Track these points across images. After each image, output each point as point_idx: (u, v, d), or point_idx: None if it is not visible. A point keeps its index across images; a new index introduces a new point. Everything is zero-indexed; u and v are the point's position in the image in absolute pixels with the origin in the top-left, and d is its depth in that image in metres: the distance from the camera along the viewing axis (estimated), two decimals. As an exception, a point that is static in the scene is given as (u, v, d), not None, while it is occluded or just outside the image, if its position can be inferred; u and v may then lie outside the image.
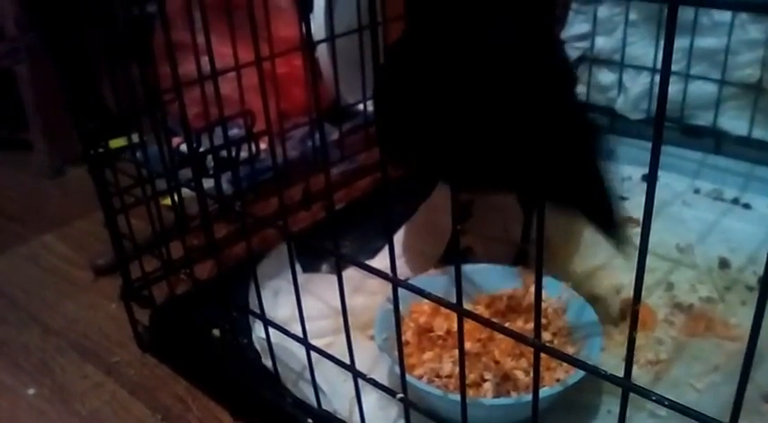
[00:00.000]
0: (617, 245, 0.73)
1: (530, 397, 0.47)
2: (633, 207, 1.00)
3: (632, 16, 1.08)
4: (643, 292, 0.87)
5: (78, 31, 0.86)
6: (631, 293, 0.79)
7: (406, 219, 0.99)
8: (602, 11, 1.11)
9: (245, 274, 0.81)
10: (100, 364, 0.81)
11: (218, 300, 0.80)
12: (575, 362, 0.44)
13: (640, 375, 0.72)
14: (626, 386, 0.39)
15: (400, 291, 0.72)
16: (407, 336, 0.70)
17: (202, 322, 0.80)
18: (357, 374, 0.57)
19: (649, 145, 0.33)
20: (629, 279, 0.86)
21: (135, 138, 0.78)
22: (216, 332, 0.81)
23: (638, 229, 0.97)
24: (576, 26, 1.14)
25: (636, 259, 0.74)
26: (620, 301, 0.82)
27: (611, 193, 0.77)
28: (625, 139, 1.13)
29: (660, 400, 0.38)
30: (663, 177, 1.05)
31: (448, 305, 0.46)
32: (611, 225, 0.74)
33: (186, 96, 0.71)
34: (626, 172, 1.08)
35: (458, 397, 0.52)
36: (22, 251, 1.04)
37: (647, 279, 0.89)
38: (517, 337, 0.46)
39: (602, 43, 1.13)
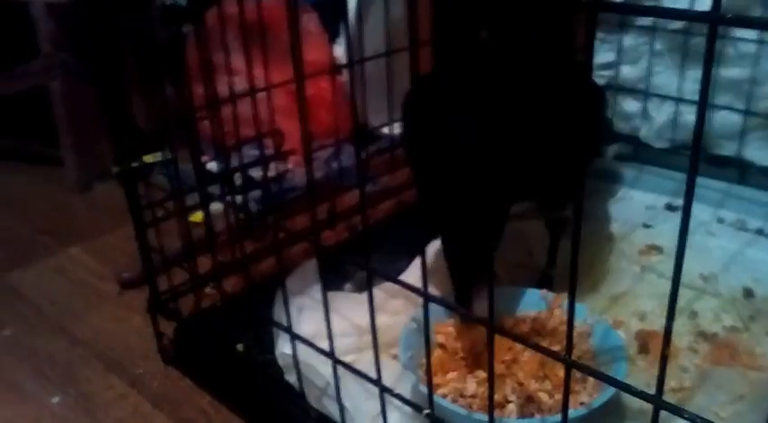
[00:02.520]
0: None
1: (556, 418, 0.47)
2: (656, 235, 1.01)
3: (657, 46, 1.09)
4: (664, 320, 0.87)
5: (116, 50, 0.89)
6: (654, 321, 0.79)
7: (431, 241, 0.99)
8: (628, 40, 1.12)
9: (270, 290, 0.82)
10: (124, 375, 0.82)
11: (244, 314, 0.81)
12: (606, 379, 0.44)
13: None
14: (657, 403, 0.39)
15: (422, 311, 0.73)
16: (434, 355, 0.70)
17: (227, 336, 0.81)
18: (384, 389, 0.57)
19: (673, 174, 0.34)
20: (651, 306, 0.86)
21: (162, 155, 0.80)
22: (240, 347, 0.81)
23: (662, 258, 0.97)
24: (601, 55, 1.15)
25: (658, 287, 0.75)
26: (642, 329, 0.81)
27: None
28: (649, 167, 1.13)
29: (693, 419, 0.38)
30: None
31: (479, 321, 0.46)
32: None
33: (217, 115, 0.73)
34: (649, 200, 1.09)
35: (483, 417, 0.52)
36: (51, 263, 1.06)
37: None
38: (549, 353, 0.46)
39: (627, 72, 1.14)
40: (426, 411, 0.54)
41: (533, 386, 0.65)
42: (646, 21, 1.09)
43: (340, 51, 1.32)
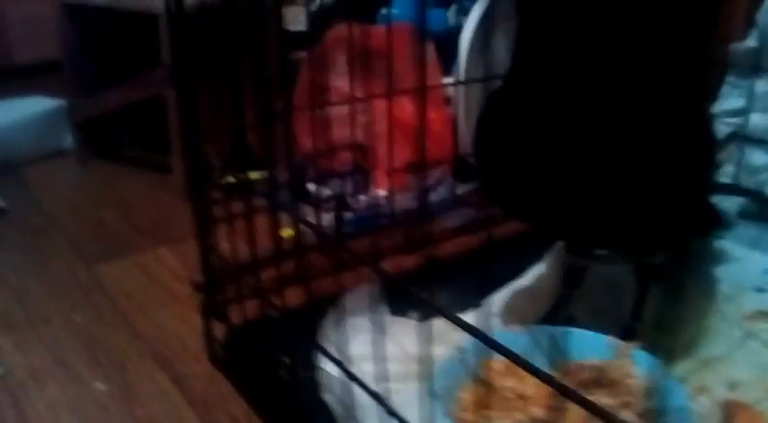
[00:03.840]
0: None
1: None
2: (769, 300, 0.89)
3: (794, 92, 0.98)
4: (764, 395, 0.76)
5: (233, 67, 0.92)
6: (747, 393, 0.69)
7: (512, 279, 0.93)
8: (760, 85, 1.01)
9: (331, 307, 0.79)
10: (171, 372, 0.81)
11: (298, 327, 0.78)
12: None
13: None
14: None
15: (473, 342, 0.67)
16: (472, 391, 0.64)
17: (276, 348, 0.78)
18: None
19: None
20: (747, 376, 0.74)
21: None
22: (286, 360, 0.79)
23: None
24: (730, 100, 1.05)
25: (760, 356, 0.65)
26: (731, 400, 0.71)
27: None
28: (773, 227, 1.01)
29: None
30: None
31: (520, 363, 0.40)
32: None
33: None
34: (769, 263, 0.96)
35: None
36: (137, 260, 1.09)
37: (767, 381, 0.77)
38: (590, 407, 0.39)
39: (758, 120, 1.03)
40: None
41: (577, 440, 0.57)
42: (782, 65, 0.99)
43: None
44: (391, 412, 0.56)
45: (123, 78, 1.43)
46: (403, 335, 0.79)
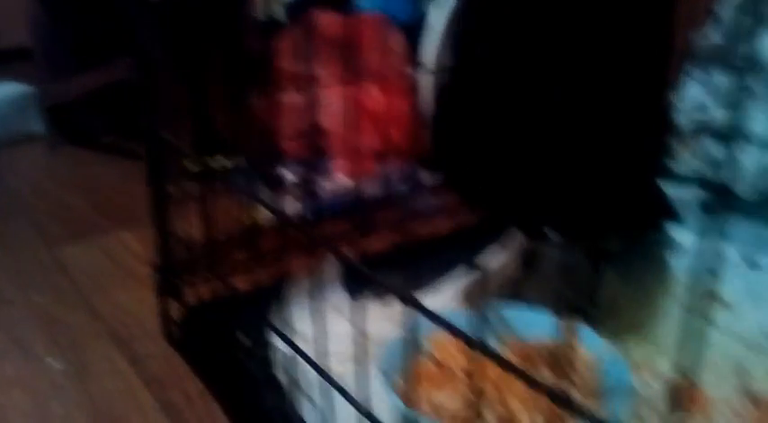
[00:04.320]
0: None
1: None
2: (727, 289, 0.90)
3: (755, 87, 0.99)
4: (712, 378, 0.77)
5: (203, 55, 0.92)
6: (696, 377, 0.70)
7: (469, 264, 0.94)
8: (722, 80, 1.02)
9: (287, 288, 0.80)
10: (128, 352, 0.81)
11: (257, 308, 0.79)
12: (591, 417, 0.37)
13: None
14: None
15: (423, 320, 0.68)
16: (420, 367, 0.65)
17: (233, 328, 0.79)
18: (356, 406, 0.53)
19: (760, 228, 0.28)
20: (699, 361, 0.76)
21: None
22: (244, 340, 0.79)
23: (725, 313, 0.86)
24: (692, 95, 1.06)
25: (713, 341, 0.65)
26: (676, 384, 0.72)
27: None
28: (733, 219, 1.02)
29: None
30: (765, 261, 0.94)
31: (466, 340, 0.40)
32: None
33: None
34: (728, 253, 0.97)
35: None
36: (100, 242, 1.08)
37: (723, 364, 0.79)
38: (531, 380, 0.40)
39: (720, 115, 1.04)
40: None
41: (522, 417, 0.58)
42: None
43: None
44: (339, 388, 0.57)
45: (94, 64, 1.42)
46: (359, 316, 0.80)
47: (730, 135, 1.03)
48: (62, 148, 1.52)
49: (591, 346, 0.65)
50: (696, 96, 1.06)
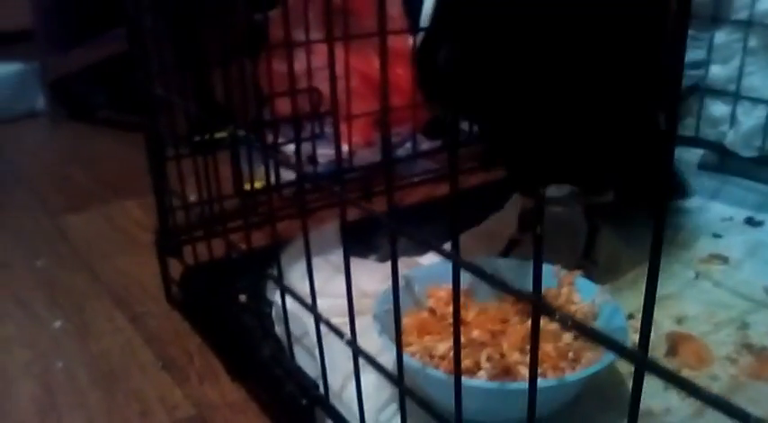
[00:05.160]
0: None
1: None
2: (724, 245, 0.90)
3: (751, 43, 0.99)
4: (710, 328, 0.77)
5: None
6: (693, 326, 0.70)
7: (471, 226, 0.94)
8: (719, 37, 1.02)
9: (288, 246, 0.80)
10: (128, 311, 0.82)
11: (255, 266, 0.79)
12: (584, 329, 0.37)
13: (681, 408, 0.62)
14: (640, 362, 0.31)
15: (417, 271, 0.68)
16: (415, 317, 0.65)
17: (232, 286, 0.79)
18: (356, 350, 0.53)
19: (759, 186, 0.26)
20: (695, 311, 0.76)
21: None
22: (243, 297, 0.80)
23: (724, 268, 0.86)
24: (689, 53, 1.05)
25: (710, 294, 0.65)
26: (675, 331, 0.72)
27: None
28: (732, 178, 1.02)
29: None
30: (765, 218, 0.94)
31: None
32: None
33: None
34: (728, 213, 0.97)
35: (442, 375, 0.46)
36: (102, 211, 1.09)
37: (721, 315, 0.79)
38: (517, 293, 0.39)
39: (717, 72, 1.04)
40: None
41: (514, 357, 0.58)
42: (741, 14, 0.99)
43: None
44: (338, 332, 0.56)
45: (95, 37, 1.42)
46: (360, 274, 0.80)
47: (728, 92, 1.03)
48: (64, 123, 1.53)
49: (587, 294, 0.65)
50: (694, 54, 1.06)
